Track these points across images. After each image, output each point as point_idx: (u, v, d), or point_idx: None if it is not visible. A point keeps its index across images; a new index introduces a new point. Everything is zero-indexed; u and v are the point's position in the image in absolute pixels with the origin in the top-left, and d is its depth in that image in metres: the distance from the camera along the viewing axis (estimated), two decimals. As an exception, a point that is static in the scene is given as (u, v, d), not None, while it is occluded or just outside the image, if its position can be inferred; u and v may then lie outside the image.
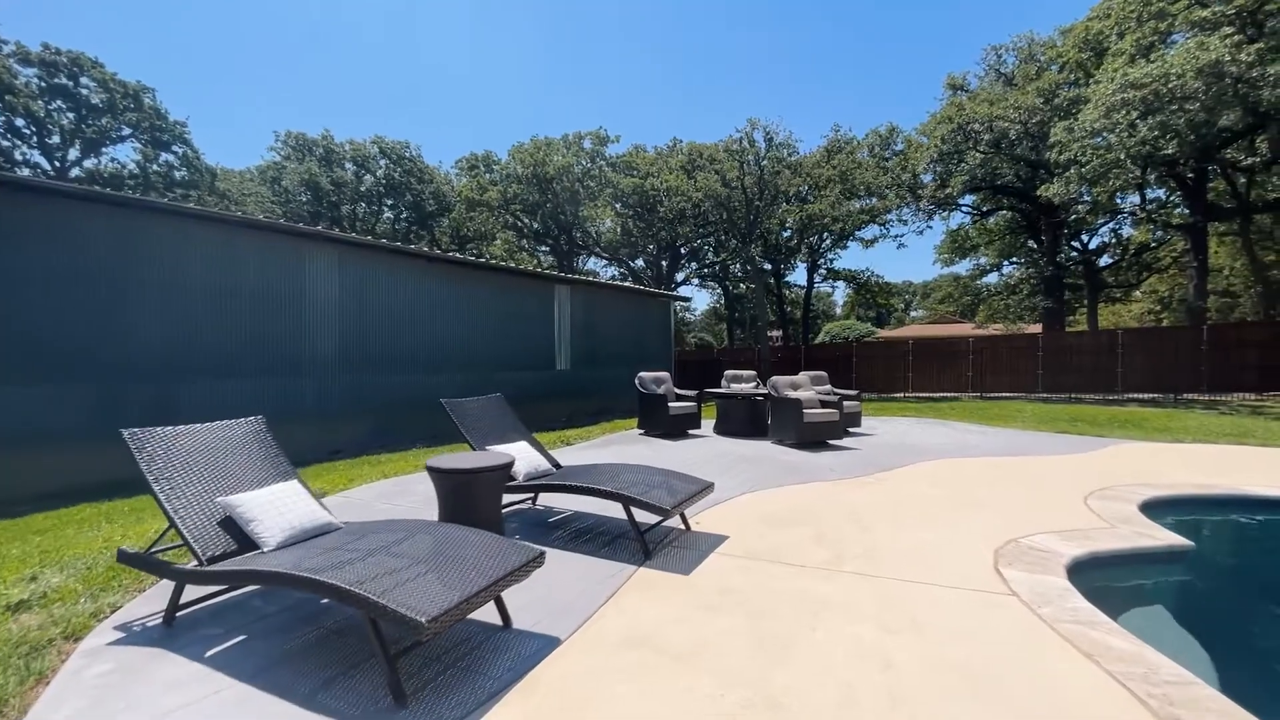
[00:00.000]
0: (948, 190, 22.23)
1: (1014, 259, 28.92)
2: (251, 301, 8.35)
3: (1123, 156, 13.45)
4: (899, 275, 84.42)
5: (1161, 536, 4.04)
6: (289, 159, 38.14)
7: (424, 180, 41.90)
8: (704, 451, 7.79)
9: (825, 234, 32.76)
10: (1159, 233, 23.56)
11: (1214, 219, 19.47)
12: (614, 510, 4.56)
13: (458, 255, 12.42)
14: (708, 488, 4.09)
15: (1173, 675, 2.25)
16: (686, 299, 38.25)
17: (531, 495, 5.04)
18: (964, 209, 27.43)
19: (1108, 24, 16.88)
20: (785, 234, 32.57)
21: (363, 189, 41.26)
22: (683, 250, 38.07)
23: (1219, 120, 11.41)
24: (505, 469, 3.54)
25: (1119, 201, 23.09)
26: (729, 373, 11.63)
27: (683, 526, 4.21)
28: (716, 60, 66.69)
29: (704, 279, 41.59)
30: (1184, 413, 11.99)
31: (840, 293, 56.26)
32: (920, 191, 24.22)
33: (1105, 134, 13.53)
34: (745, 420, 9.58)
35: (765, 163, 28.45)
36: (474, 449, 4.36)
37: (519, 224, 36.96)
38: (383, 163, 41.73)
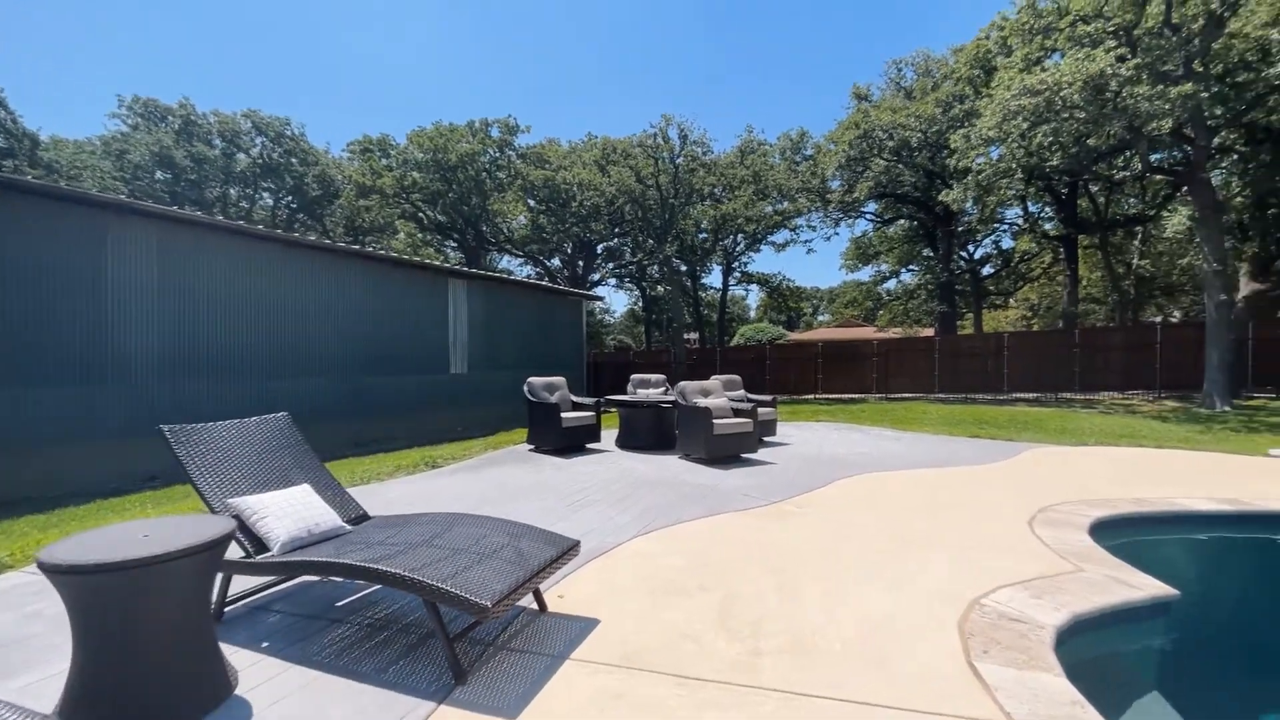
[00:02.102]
0: (854, 195, 22.59)
1: (912, 266, 30.29)
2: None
3: (1014, 165, 13.81)
4: (808, 280, 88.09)
5: (1140, 583, 3.26)
6: (136, 129, 32.76)
7: (308, 162, 37.70)
8: (598, 473, 6.52)
9: (739, 235, 32.81)
10: (1037, 243, 25.36)
11: (1082, 232, 21.05)
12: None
13: (324, 241, 10.46)
14: (571, 549, 2.80)
15: None
16: (600, 298, 37.07)
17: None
18: (867, 216, 28.31)
19: (996, 43, 17.63)
20: (701, 235, 32.24)
21: (236, 170, 36.38)
22: (599, 249, 36.84)
23: (1104, 129, 11.81)
24: (208, 550, 2.05)
25: (1000, 214, 24.66)
26: (636, 377, 10.48)
27: (536, 606, 2.90)
28: (632, 56, 66.08)
29: (621, 280, 40.62)
30: (1073, 413, 12.33)
31: (754, 296, 57.46)
32: (829, 196, 24.55)
33: (998, 144, 13.82)
34: (651, 431, 8.44)
35: (680, 160, 27.92)
36: (207, 503, 2.79)
37: (420, 215, 34.02)
38: (259, 141, 37.11)
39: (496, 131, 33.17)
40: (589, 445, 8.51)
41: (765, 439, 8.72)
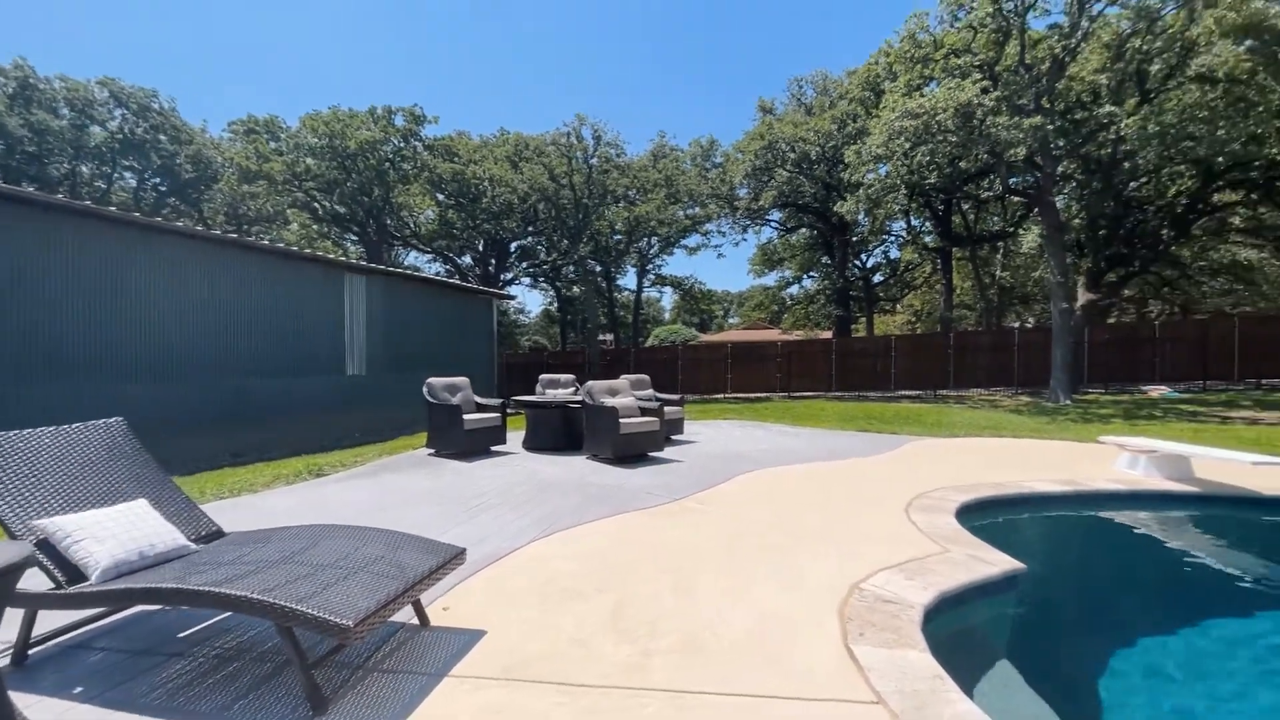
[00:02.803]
0: (760, 203, 23.62)
1: (812, 273, 32.18)
2: None
3: (898, 182, 15.05)
4: (719, 284, 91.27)
5: (994, 560, 3.59)
6: (-50, 89, 27.76)
7: (180, 140, 33.71)
8: (501, 476, 6.29)
9: (653, 238, 33.28)
10: (919, 254, 27.83)
11: (955, 245, 23.38)
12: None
13: (197, 228, 9.27)
14: (455, 558, 2.63)
15: None
16: (512, 298, 36.14)
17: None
18: (772, 224, 29.71)
19: (883, 68, 19.16)
20: (615, 237, 32.33)
21: (89, 144, 31.76)
22: (512, 248, 35.91)
23: (972, 153, 13.15)
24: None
25: (889, 226, 26.83)
26: (544, 377, 10.29)
27: (416, 621, 2.69)
28: (548, 53, 65.21)
29: (536, 279, 39.86)
30: (947, 408, 13.61)
31: (668, 298, 58.55)
32: (736, 203, 25.50)
33: (885, 161, 15.01)
34: (558, 432, 8.29)
35: (594, 160, 27.89)
36: (5, 527, 2.34)
37: (315, 205, 31.43)
38: (118, 113, 32.66)
39: (401, 120, 31.38)
40: (494, 448, 8.21)
41: (673, 437, 8.84)
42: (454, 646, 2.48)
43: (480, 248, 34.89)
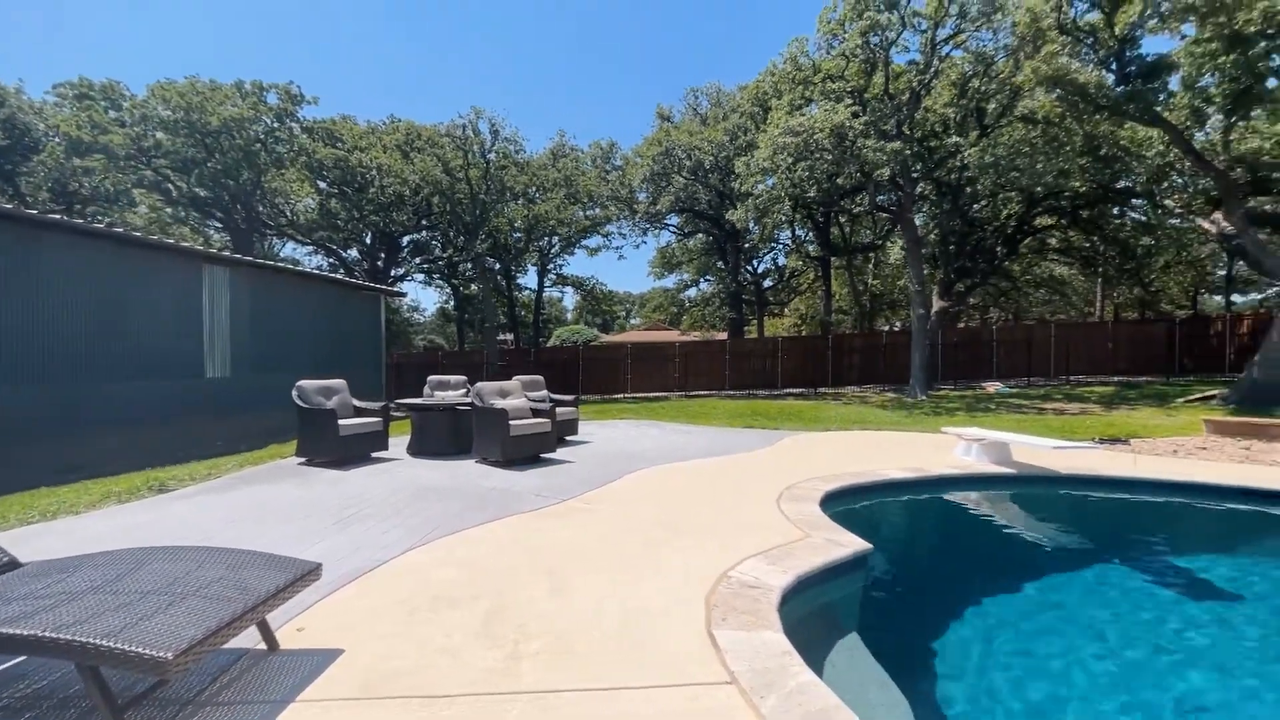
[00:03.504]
0: (658, 208, 24.21)
1: (708, 276, 33.50)
2: None
3: (782, 194, 16.12)
4: (621, 285, 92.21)
5: (847, 541, 3.97)
6: None
7: (-19, 100, 28.17)
8: (380, 484, 5.94)
9: (553, 238, 32.93)
10: (802, 262, 29.96)
11: (834, 254, 25.46)
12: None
13: (6, 206, 7.65)
14: (309, 573, 2.46)
15: None
16: (402, 294, 34.17)
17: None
18: (671, 228, 30.56)
19: (770, 86, 20.43)
20: (515, 235, 31.60)
21: None
22: (404, 242, 33.88)
23: (845, 171, 14.40)
24: None
25: (777, 235, 28.61)
26: (433, 379, 9.85)
27: (264, 645, 2.49)
28: (442, 44, 62.32)
29: (431, 276, 37.90)
30: (824, 405, 14.78)
31: (570, 298, 58.20)
32: (636, 206, 25.95)
33: (771, 174, 16.01)
34: (447, 436, 7.97)
35: (493, 155, 27.08)
36: None
37: (169, 185, 27.65)
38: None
39: (275, 98, 28.53)
40: (375, 455, 7.73)
41: (566, 438, 8.83)
42: (305, 669, 2.33)
43: (368, 241, 32.61)
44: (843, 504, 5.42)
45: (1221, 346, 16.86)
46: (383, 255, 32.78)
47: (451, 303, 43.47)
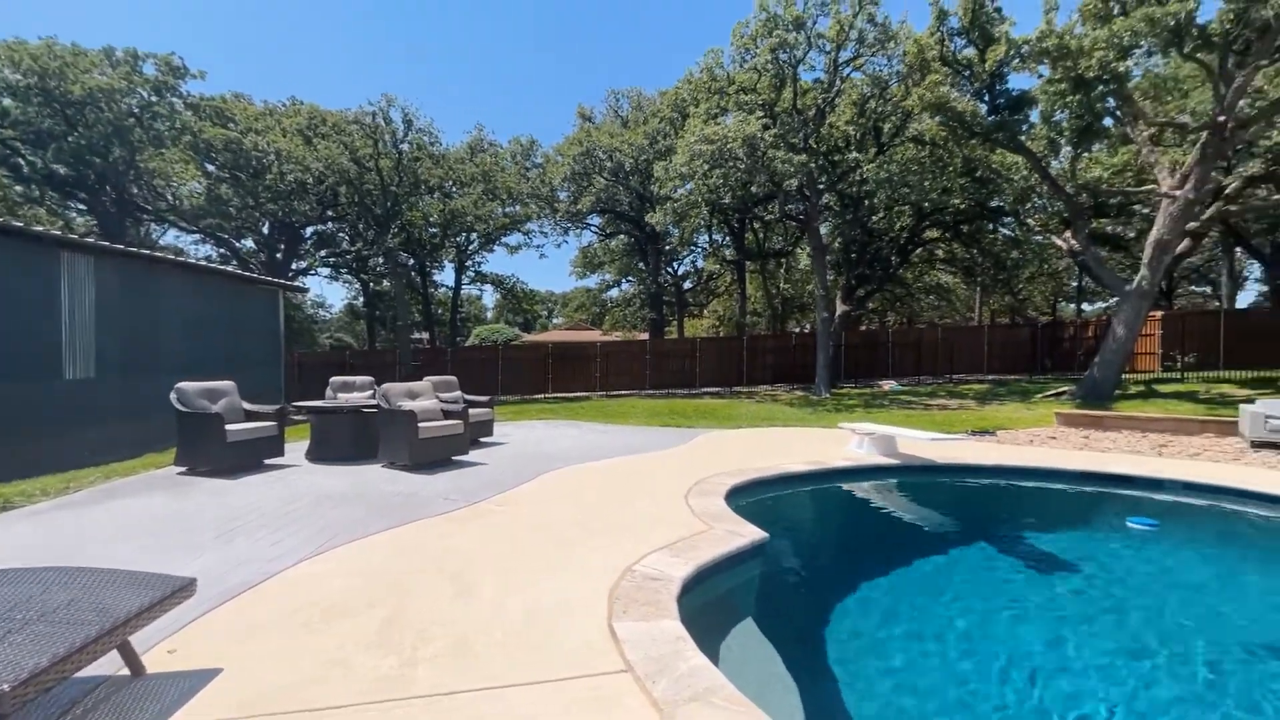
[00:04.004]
0: (578, 207, 24.17)
1: (630, 277, 33.85)
2: None
3: (699, 200, 16.64)
4: (543, 284, 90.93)
5: (746, 532, 4.22)
6: None
7: None
8: (273, 493, 5.56)
9: (472, 234, 31.93)
10: (719, 265, 31.00)
11: (748, 259, 26.55)
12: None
13: None
14: (181, 590, 2.31)
15: None
16: (304, 289, 31.88)
17: None
18: (592, 229, 30.58)
19: (688, 94, 21.00)
20: (431, 230, 30.32)
21: None
22: (307, 233, 31.53)
23: (757, 179, 15.09)
24: None
25: (696, 238, 29.42)
26: (336, 380, 9.30)
27: (127, 671, 2.31)
28: (346, 24, 58.54)
29: (338, 270, 35.53)
30: (738, 403, 15.42)
31: (489, 297, 56.66)
32: (557, 205, 25.75)
33: (689, 179, 16.48)
34: (350, 440, 7.58)
35: (406, 146, 25.87)
36: None
37: (19, 160, 24.05)
38: None
39: (152, 69, 25.65)
40: (268, 461, 7.20)
41: (481, 440, 8.66)
42: (175, 693, 2.18)
43: (265, 231, 30.09)
44: (747, 497, 5.72)
45: (1074, 348, 19.29)
46: (282, 247, 30.37)
47: (361, 299, 41.01)
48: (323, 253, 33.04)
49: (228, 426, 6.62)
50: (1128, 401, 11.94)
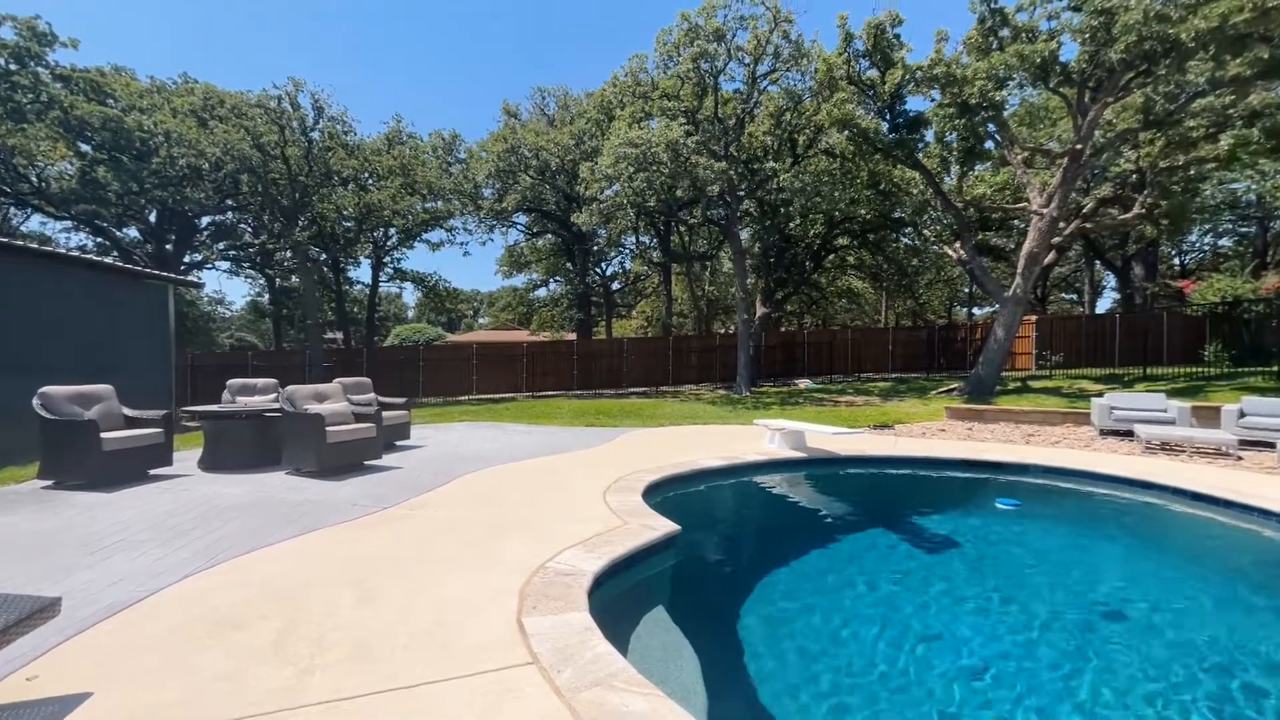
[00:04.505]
0: (504, 205, 23.74)
1: (557, 277, 33.57)
2: None
3: (625, 202, 16.84)
4: (468, 283, 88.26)
5: (659, 525, 4.39)
6: None
7: None
8: (158, 505, 5.14)
9: (390, 229, 30.48)
10: (646, 267, 31.44)
11: (674, 261, 27.13)
12: None
13: None
14: (42, 611, 2.14)
15: None
16: (198, 284, 29.19)
17: None
18: (519, 227, 30.08)
19: (613, 96, 21.18)
20: (345, 224, 28.65)
21: None
22: (202, 223, 28.87)
23: (681, 184, 15.49)
24: None
25: (624, 240, 29.66)
26: (235, 383, 8.66)
27: (-23, 703, 2.12)
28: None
29: (239, 264, 32.76)
30: (663, 402, 15.76)
31: (410, 295, 54.37)
32: (481, 203, 25.14)
33: (615, 181, 16.64)
34: (251, 447, 7.10)
35: (317, 134, 24.33)
36: None
37: None
38: None
39: (11, 33, 22.62)
40: (154, 471, 6.62)
41: (397, 443, 8.38)
42: (36, 720, 2.03)
43: (152, 219, 27.29)
44: (664, 493, 5.93)
45: (965, 349, 21.21)
46: (173, 238, 27.68)
47: (266, 296, 38.08)
48: (221, 245, 30.42)
49: (105, 434, 6.03)
50: (1006, 396, 13.32)
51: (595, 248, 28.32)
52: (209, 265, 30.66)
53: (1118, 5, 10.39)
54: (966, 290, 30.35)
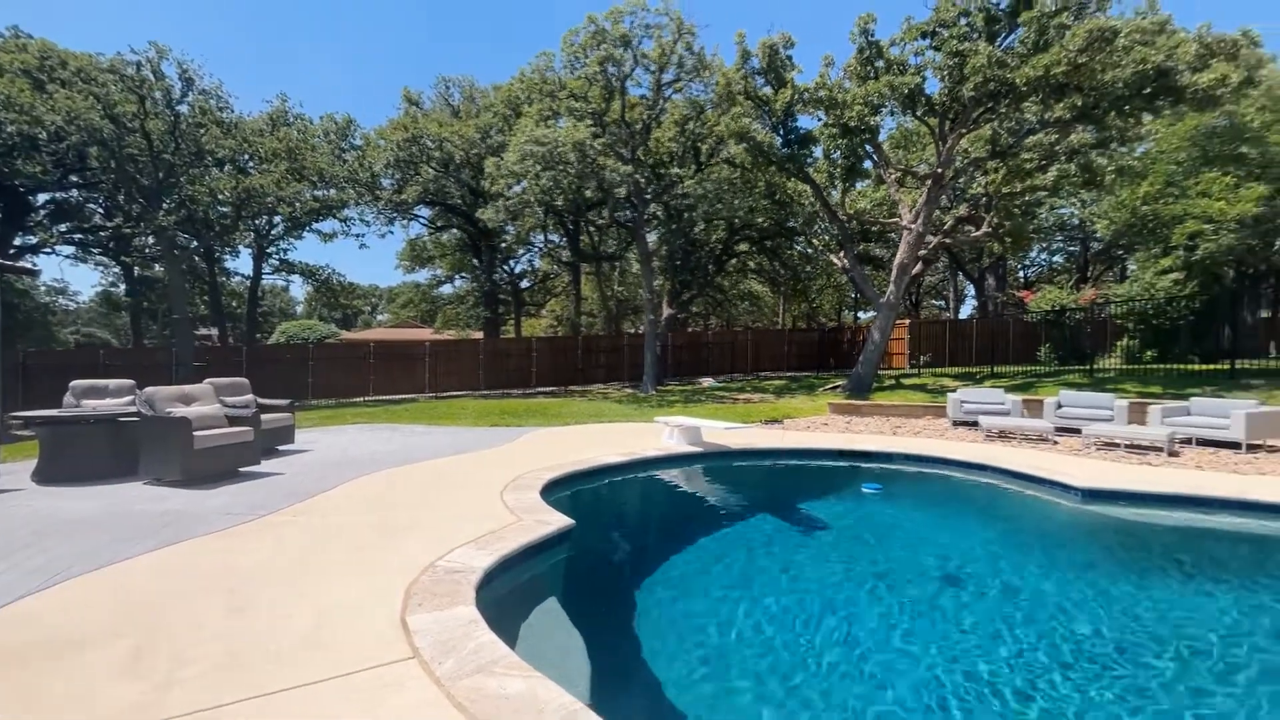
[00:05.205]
0: (404, 197, 22.66)
1: (463, 273, 32.50)
2: None
3: (532, 200, 16.73)
4: (366, 277, 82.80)
5: (554, 520, 4.53)
6: None
7: None
8: (-22, 526, 4.52)
9: (274, 217, 28.00)
10: (555, 266, 31.29)
11: (583, 260, 27.24)
12: None
13: None
14: None
15: (557, 709, 2.13)
16: (33, 270, 25.17)
17: None
18: (421, 220, 28.80)
19: (521, 92, 20.92)
20: (221, 209, 25.91)
21: None
22: (39, 200, 24.86)
23: (588, 185, 15.64)
24: None
25: (534, 238, 29.33)
26: (80, 384, 7.69)
27: None
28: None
29: (87, 249, 28.52)
30: (571, 401, 15.84)
31: (299, 288, 50.26)
32: (379, 193, 23.82)
33: (522, 178, 16.46)
34: (101, 456, 6.37)
35: (185, 108, 21.84)
36: None
37: None
38: None
39: None
40: (-29, 490, 5.76)
41: (279, 448, 7.85)
42: None
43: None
44: (564, 489, 6.06)
45: (851, 349, 23.12)
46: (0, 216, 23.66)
47: (122, 286, 33.58)
48: (63, 227, 26.43)
49: (-96, 447, 5.18)
50: (881, 393, 14.75)
51: (503, 245, 27.75)
52: (47, 249, 26.52)
53: (968, 49, 11.89)
54: (853, 295, 33.06)
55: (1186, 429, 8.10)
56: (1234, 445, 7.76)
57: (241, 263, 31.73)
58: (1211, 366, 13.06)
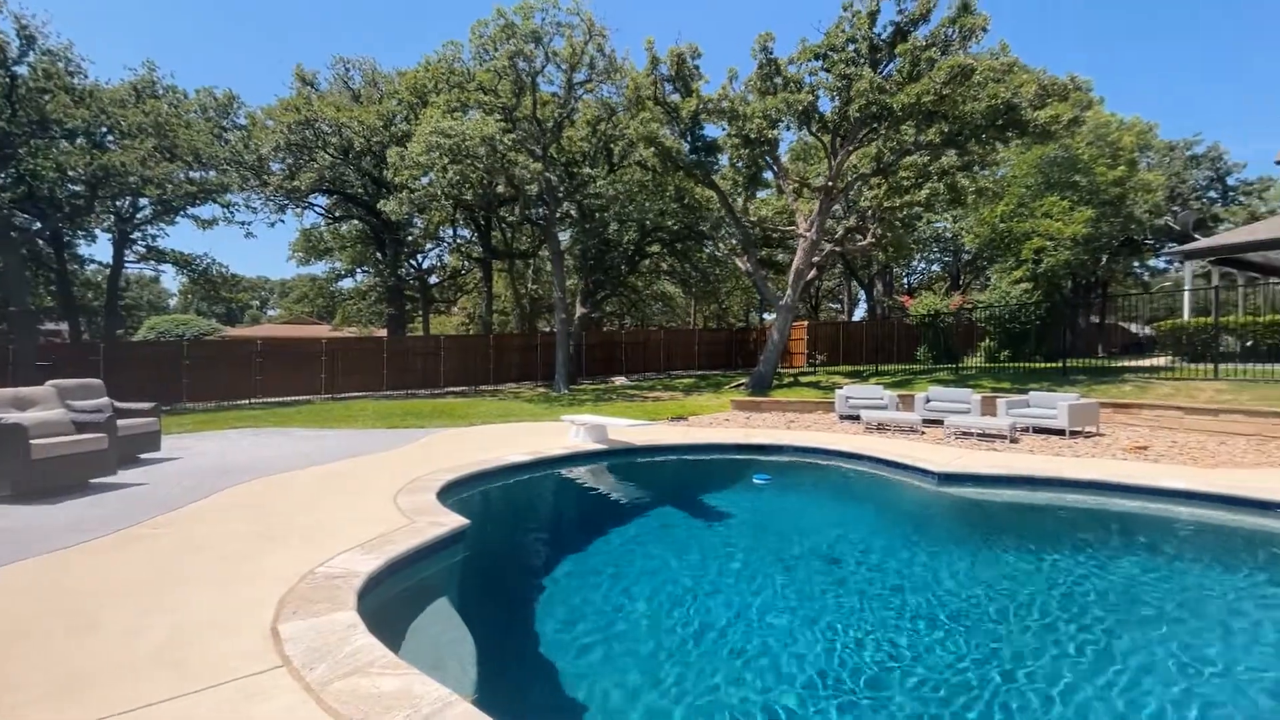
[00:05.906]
0: (296, 184, 21.04)
1: (365, 267, 30.63)
2: None
3: (439, 193, 16.18)
4: (253, 269, 75.72)
5: (448, 522, 4.52)
6: None
7: None
8: None
9: (140, 199, 24.93)
10: (466, 262, 30.35)
11: (495, 257, 26.64)
12: None
13: None
14: None
15: (433, 701, 2.19)
16: None
17: None
18: (318, 210, 26.86)
19: (427, 81, 20.09)
20: (71, 188, 22.66)
21: None
22: None
23: (498, 181, 15.36)
24: None
25: (444, 231, 28.25)
26: (-122, 391, 6.58)
27: None
28: None
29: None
30: (480, 401, 15.51)
31: (173, 280, 45.14)
32: (268, 178, 21.93)
33: (426, 169, 15.86)
34: (-93, 473, 5.49)
35: (25, 70, 18.99)
36: None
37: None
38: None
39: None
40: None
41: (142, 456, 7.14)
42: None
43: None
44: (464, 490, 6.01)
45: (755, 349, 24.34)
46: None
47: (-65, 273, 28.39)
48: None
49: None
50: (780, 390, 15.71)
51: (409, 238, 26.48)
52: None
53: (854, 73, 12.97)
54: (759, 297, 34.82)
55: (1026, 419, 9.37)
56: (1060, 432, 9.08)
57: (100, 249, 27.99)
58: (1051, 365, 15.10)
